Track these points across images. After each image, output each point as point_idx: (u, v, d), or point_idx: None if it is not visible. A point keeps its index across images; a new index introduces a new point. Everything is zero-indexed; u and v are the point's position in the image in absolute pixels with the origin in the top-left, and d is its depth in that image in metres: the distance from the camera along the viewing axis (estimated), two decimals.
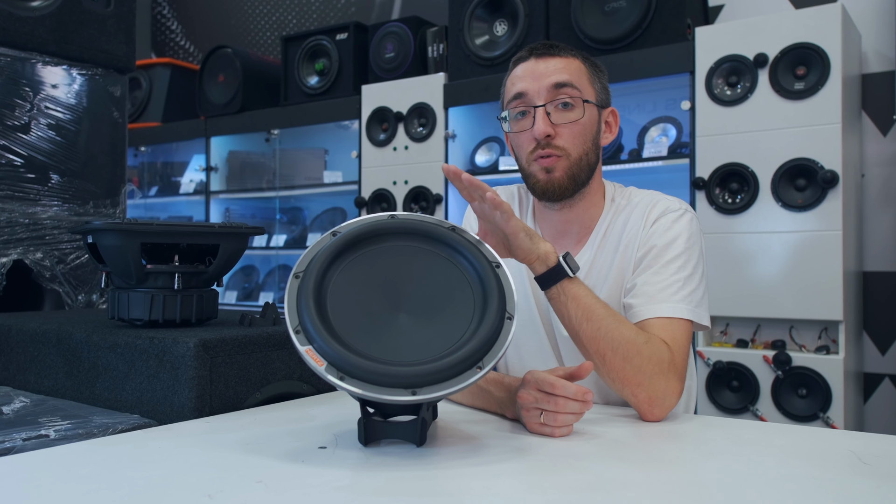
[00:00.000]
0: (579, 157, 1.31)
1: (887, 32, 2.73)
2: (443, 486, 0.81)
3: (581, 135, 1.31)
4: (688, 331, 1.22)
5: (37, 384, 1.40)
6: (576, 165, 1.30)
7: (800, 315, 2.47)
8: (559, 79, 1.29)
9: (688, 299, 1.23)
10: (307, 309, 0.91)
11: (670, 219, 1.30)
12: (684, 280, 1.24)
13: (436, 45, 3.36)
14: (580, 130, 1.30)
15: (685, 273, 1.25)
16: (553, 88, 1.29)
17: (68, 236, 1.90)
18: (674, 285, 1.24)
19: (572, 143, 1.30)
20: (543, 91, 1.29)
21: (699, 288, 1.26)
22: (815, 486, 0.81)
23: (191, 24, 4.98)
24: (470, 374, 0.90)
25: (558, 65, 1.31)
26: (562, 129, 1.29)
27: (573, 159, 1.30)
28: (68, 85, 1.94)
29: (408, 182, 3.31)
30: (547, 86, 1.29)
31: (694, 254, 1.28)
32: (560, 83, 1.29)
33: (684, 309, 1.22)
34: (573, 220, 1.37)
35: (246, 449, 0.95)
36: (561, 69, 1.30)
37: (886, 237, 2.74)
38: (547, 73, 1.30)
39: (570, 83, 1.29)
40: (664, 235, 1.28)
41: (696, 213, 1.34)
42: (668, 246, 1.27)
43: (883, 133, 2.76)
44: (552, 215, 1.38)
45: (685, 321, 1.21)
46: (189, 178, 4.31)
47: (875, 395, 2.76)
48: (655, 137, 2.87)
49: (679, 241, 1.27)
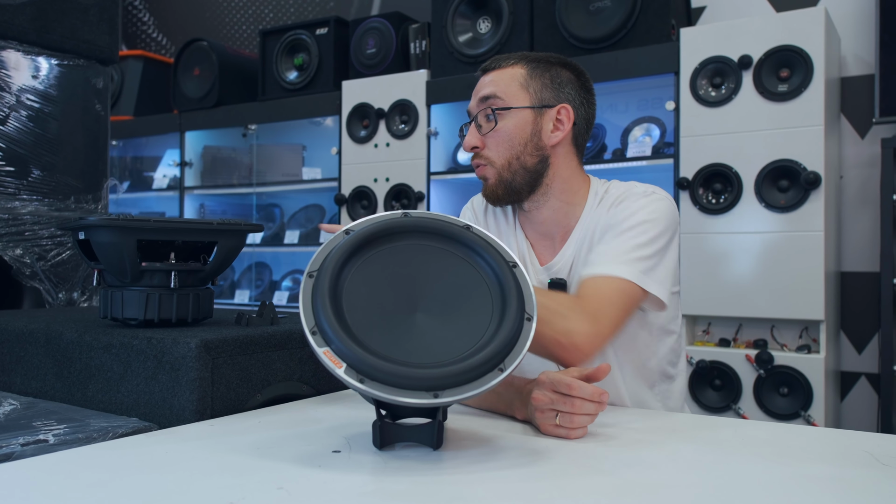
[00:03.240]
0: (506, 163, 1.35)
1: (867, 36, 2.78)
2: (470, 492, 0.80)
3: (504, 142, 1.35)
4: (619, 287, 1.20)
5: (23, 386, 1.35)
6: (505, 171, 1.35)
7: (781, 315, 2.50)
8: (486, 92, 1.37)
9: (631, 263, 1.22)
10: (323, 309, 0.89)
11: (633, 198, 1.32)
12: (633, 247, 1.24)
13: (418, 41, 3.34)
14: (502, 138, 1.35)
15: (637, 242, 1.25)
16: (481, 102, 1.37)
17: (49, 232, 1.83)
18: (621, 250, 1.24)
19: (495, 152, 1.36)
20: (475, 106, 1.38)
21: (653, 258, 1.25)
22: (840, 487, 0.81)
23: (163, 17, 4.88)
24: (492, 375, 0.88)
25: (492, 77, 1.38)
26: (487, 138, 1.36)
27: (498, 166, 1.36)
28: (49, 76, 1.88)
29: (389, 179, 3.28)
30: (477, 100, 1.38)
31: (653, 228, 1.27)
32: (485, 96, 1.37)
33: (624, 269, 1.22)
34: (548, 221, 1.39)
35: (258, 453, 0.92)
36: (491, 82, 1.37)
37: (863, 238, 2.79)
38: (481, 87, 1.38)
39: (493, 95, 1.36)
40: (624, 212, 1.30)
41: (671, 200, 1.34)
42: (625, 219, 1.29)
43: (861, 135, 2.81)
44: (528, 217, 1.42)
45: (620, 279, 1.21)
46: (162, 173, 4.22)
47: (851, 394, 2.81)
48: (639, 137, 2.88)
49: (638, 214, 1.28)
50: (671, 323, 1.37)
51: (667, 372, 1.38)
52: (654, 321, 1.34)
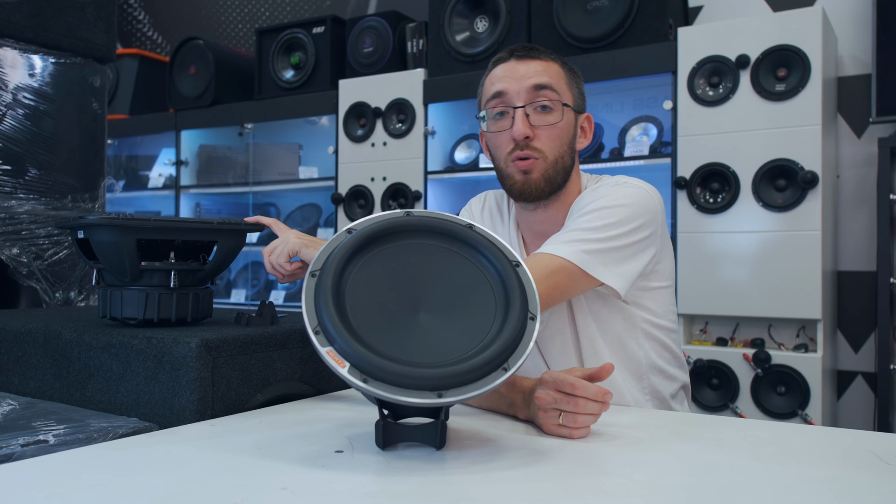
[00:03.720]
0: (556, 160, 1.33)
1: (863, 36, 2.79)
2: (475, 492, 0.79)
3: (559, 137, 1.33)
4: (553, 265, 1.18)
5: (21, 386, 1.34)
6: (552, 168, 1.32)
7: (778, 314, 2.50)
8: (539, 81, 1.31)
9: (574, 243, 1.20)
10: (326, 308, 0.88)
11: (604, 188, 1.31)
12: (585, 230, 1.23)
13: (415, 40, 3.33)
14: (558, 133, 1.32)
15: (590, 225, 1.23)
16: (533, 90, 1.31)
17: (46, 231, 1.82)
18: (571, 232, 1.22)
19: (550, 146, 1.32)
20: (523, 92, 1.31)
21: (604, 242, 1.22)
22: (844, 487, 0.81)
23: (158, 15, 4.86)
24: (496, 375, 0.88)
25: (538, 67, 1.32)
26: (540, 131, 1.31)
27: (550, 161, 1.32)
28: (46, 74, 1.87)
29: (386, 179, 3.28)
30: (527, 87, 1.31)
31: (612, 214, 1.24)
32: (540, 85, 1.31)
33: (562, 249, 1.19)
34: (547, 221, 1.39)
35: (260, 454, 0.92)
36: (541, 71, 1.32)
37: (860, 237, 2.80)
38: (527, 74, 1.32)
39: (549, 86, 1.31)
40: (587, 198, 1.29)
41: (647, 191, 1.32)
42: (586, 206, 1.28)
43: (857, 135, 2.81)
44: (528, 216, 1.41)
45: (553, 257, 1.19)
46: (158, 172, 4.20)
47: (848, 392, 2.82)
48: (636, 137, 2.88)
49: (599, 201, 1.27)
50: (661, 318, 1.36)
51: (661, 368, 1.37)
52: (635, 312, 1.33)
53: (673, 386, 1.40)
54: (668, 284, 1.38)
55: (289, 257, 1.32)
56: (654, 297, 1.35)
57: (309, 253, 1.30)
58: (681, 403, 1.43)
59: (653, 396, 1.37)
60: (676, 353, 1.41)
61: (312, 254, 1.28)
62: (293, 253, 1.31)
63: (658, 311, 1.35)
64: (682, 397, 1.43)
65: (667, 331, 1.37)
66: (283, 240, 1.33)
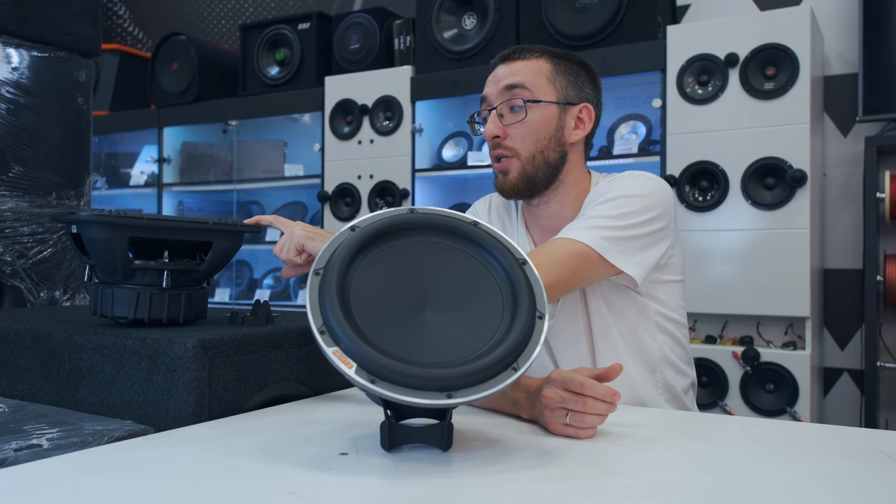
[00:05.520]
0: (531, 156, 1.34)
1: (850, 35, 2.80)
2: (488, 495, 0.77)
3: (531, 134, 1.33)
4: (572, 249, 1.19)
5: (8, 388, 1.30)
6: (529, 164, 1.34)
7: (767, 311, 2.51)
8: (510, 81, 1.34)
9: (594, 230, 1.21)
10: (332, 308, 0.86)
11: (621, 178, 1.33)
12: (604, 217, 1.24)
13: (402, 37, 3.31)
14: (528, 130, 1.33)
15: (611, 213, 1.24)
16: (505, 91, 1.34)
17: (30, 229, 1.78)
18: (590, 219, 1.24)
19: (521, 143, 1.34)
20: (497, 94, 1.35)
21: (623, 229, 1.23)
22: (857, 485, 0.81)
23: (139, 10, 4.79)
24: (505, 375, 0.86)
25: (517, 67, 1.35)
26: (511, 129, 1.34)
27: (524, 159, 1.34)
28: (30, 68, 1.82)
29: (373, 176, 3.25)
30: (500, 89, 1.35)
31: (632, 202, 1.25)
32: (511, 85, 1.34)
33: (583, 234, 1.21)
34: (554, 216, 1.39)
35: (262, 457, 0.89)
36: (517, 72, 1.34)
37: (846, 235, 2.82)
38: (504, 76, 1.35)
39: (520, 84, 1.33)
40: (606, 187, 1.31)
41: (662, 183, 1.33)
42: (605, 193, 1.29)
43: (843, 134, 2.83)
44: (534, 212, 1.42)
45: (574, 242, 1.20)
46: (140, 169, 4.14)
47: (834, 389, 2.84)
48: (625, 135, 2.88)
49: (616, 190, 1.28)
50: (673, 312, 1.37)
51: (673, 362, 1.38)
52: (648, 304, 1.33)
53: (685, 381, 1.40)
54: (679, 279, 1.38)
55: (297, 251, 1.30)
56: (667, 290, 1.35)
57: (314, 246, 1.28)
58: (691, 401, 1.43)
59: (665, 391, 1.37)
60: (687, 350, 1.42)
61: (318, 246, 1.26)
62: (300, 247, 1.29)
63: (670, 304, 1.36)
64: (692, 395, 1.43)
65: (679, 325, 1.38)
66: (289, 234, 1.31)
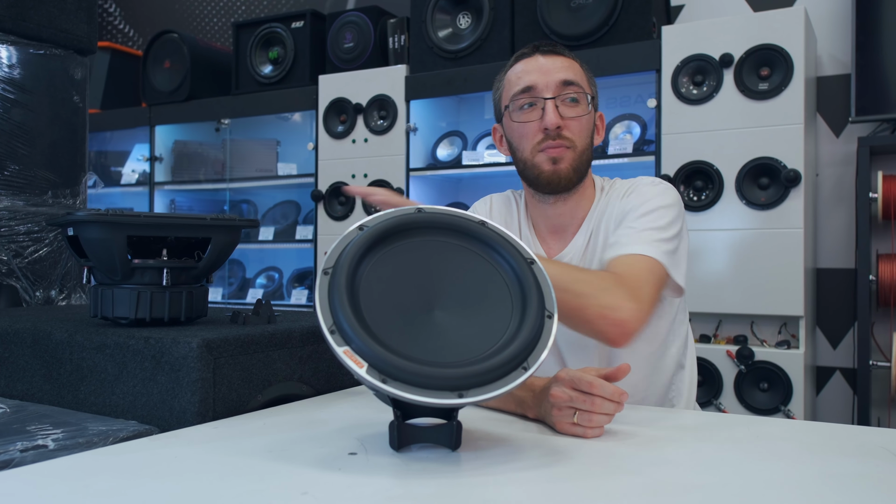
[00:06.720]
0: (583, 151, 1.36)
1: (843, 36, 2.82)
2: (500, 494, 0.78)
3: (585, 129, 1.37)
4: (650, 266, 1.22)
5: (8, 388, 1.29)
6: (579, 158, 1.35)
7: (761, 311, 2.52)
8: (567, 76, 1.35)
9: (655, 244, 1.24)
10: (342, 307, 0.86)
11: (645, 186, 1.35)
12: (655, 229, 1.26)
13: (397, 36, 3.30)
14: (585, 125, 1.36)
15: (656, 225, 1.27)
16: (562, 84, 1.34)
17: (26, 228, 1.77)
18: (644, 232, 1.26)
19: (579, 136, 1.35)
20: (552, 85, 1.34)
21: (672, 241, 1.27)
22: (865, 483, 0.81)
23: (130, 8, 4.76)
24: (515, 374, 0.86)
25: (564, 63, 1.37)
26: (569, 122, 1.34)
27: (578, 151, 1.35)
28: (25, 65, 1.80)
29: (367, 175, 3.24)
30: (556, 81, 1.34)
31: (668, 212, 1.30)
32: (568, 80, 1.35)
33: (651, 249, 1.23)
34: (566, 214, 1.40)
35: (271, 457, 0.89)
36: (567, 67, 1.36)
37: (838, 235, 2.84)
38: (554, 69, 1.35)
39: (576, 81, 1.35)
40: (639, 198, 1.33)
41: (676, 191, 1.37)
42: (642, 204, 1.31)
43: (836, 134, 2.85)
44: (546, 209, 1.41)
45: (649, 258, 1.23)
46: (131, 168, 4.11)
47: (826, 388, 2.86)
48: (620, 134, 2.89)
49: (653, 200, 1.31)
50: (682, 312, 1.39)
51: (680, 362, 1.40)
52: (668, 310, 1.35)
53: (689, 380, 1.41)
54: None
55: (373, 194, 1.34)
56: None
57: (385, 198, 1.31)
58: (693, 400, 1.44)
59: (671, 390, 1.39)
60: (691, 349, 1.45)
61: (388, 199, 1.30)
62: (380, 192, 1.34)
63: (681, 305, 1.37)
64: (694, 393, 1.44)
65: (683, 325, 1.40)
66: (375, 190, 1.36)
